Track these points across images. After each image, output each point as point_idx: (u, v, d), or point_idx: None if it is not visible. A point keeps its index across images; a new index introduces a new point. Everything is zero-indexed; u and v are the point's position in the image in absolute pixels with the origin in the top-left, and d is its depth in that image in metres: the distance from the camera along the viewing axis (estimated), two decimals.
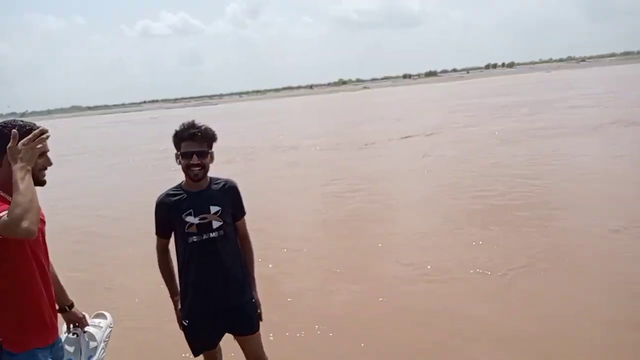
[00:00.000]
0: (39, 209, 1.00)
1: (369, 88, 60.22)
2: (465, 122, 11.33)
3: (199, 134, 1.39)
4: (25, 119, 1.16)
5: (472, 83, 39.35)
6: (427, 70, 74.72)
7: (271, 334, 2.06)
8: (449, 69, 73.91)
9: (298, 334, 2.29)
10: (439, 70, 73.81)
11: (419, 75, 73.74)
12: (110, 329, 1.49)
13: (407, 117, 14.30)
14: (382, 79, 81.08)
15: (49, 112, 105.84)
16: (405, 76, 76.52)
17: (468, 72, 68.33)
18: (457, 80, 53.14)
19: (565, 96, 15.22)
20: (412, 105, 19.91)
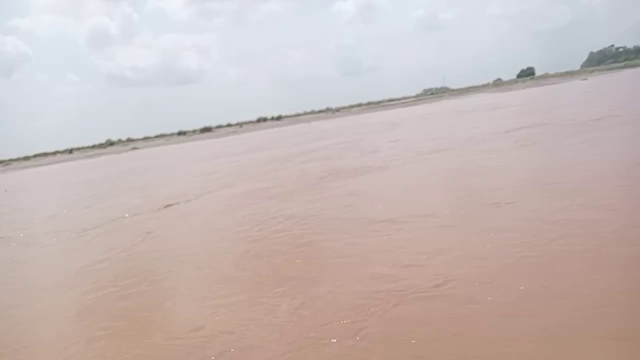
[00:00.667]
0: None
1: (138, 148, 56.35)
2: (221, 182, 11.37)
3: None
4: None
5: (243, 138, 41.47)
6: (203, 126, 77.27)
7: None
8: (224, 123, 78.83)
9: None
10: (214, 125, 77.57)
11: (194, 132, 75.04)
12: None
13: (155, 185, 13.72)
14: (156, 137, 77.64)
15: None
16: (180, 133, 76.25)
17: (241, 126, 74.24)
18: (230, 135, 56.03)
19: (312, 148, 16.97)
20: (169, 169, 19.37)
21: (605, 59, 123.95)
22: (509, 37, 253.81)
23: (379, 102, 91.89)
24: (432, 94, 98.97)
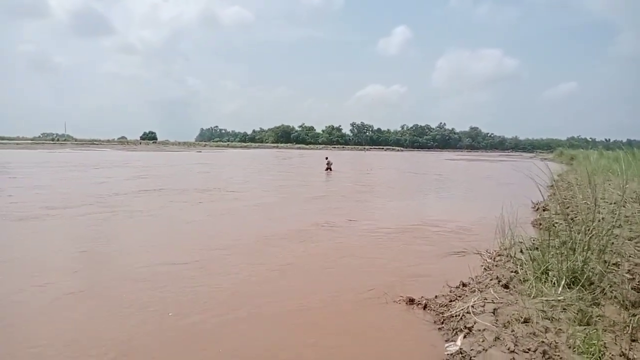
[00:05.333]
0: None
1: None
2: None
3: None
4: None
5: None
6: None
7: None
8: None
9: None
10: None
11: None
12: None
13: None
14: None
15: None
16: None
17: None
18: None
19: None
20: None
21: (214, 137, 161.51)
22: (129, 98, 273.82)
23: None
24: (52, 140, 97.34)
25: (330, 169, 25.35)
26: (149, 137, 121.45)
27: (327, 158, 27.11)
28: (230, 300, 4.64)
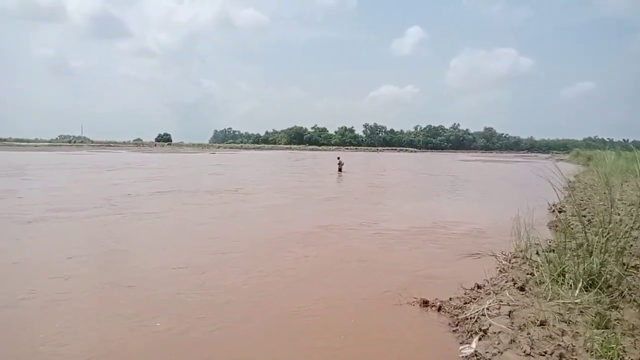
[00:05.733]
0: None
1: None
2: None
3: None
4: None
5: None
6: None
7: None
8: None
9: None
10: None
11: None
12: None
13: None
14: None
15: None
16: None
17: None
18: None
19: None
20: None
21: (227, 138, 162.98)
22: (145, 100, 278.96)
23: (2, 140, 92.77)
24: (69, 142, 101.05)
25: (341, 170, 25.44)
26: (164, 139, 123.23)
27: (338, 158, 27.23)
28: (237, 304, 4.68)
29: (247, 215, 10.11)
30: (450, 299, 4.57)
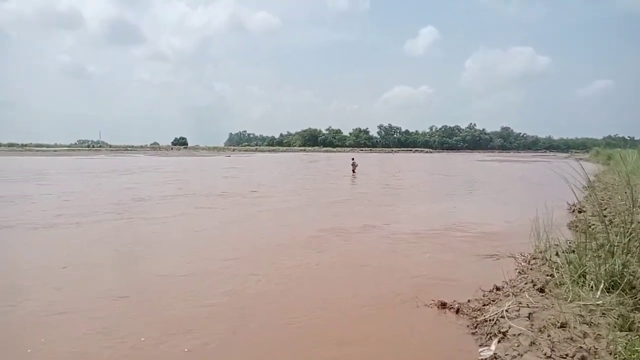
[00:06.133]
0: None
1: None
2: None
3: None
4: None
5: None
6: None
7: None
8: None
9: None
10: None
11: None
12: None
13: None
14: None
15: None
16: None
17: None
18: None
19: None
20: None
21: (242, 141, 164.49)
22: (161, 105, 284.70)
23: (23, 146, 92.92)
24: (88, 146, 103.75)
25: (355, 171, 25.53)
26: (180, 143, 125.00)
27: (352, 159, 27.32)
28: (243, 309, 4.74)
29: (266, 218, 10.22)
30: (469, 301, 4.54)
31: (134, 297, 4.90)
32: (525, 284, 4.66)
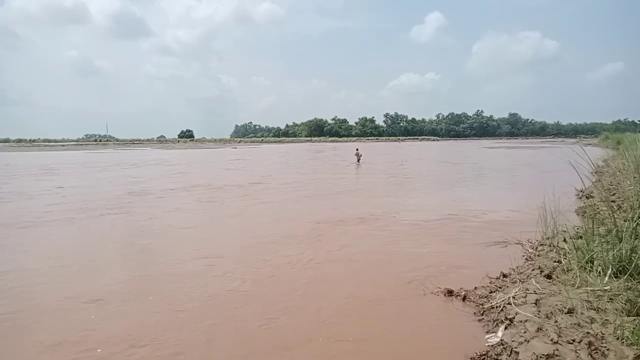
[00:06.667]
0: None
1: None
2: None
3: None
4: None
5: None
6: None
7: None
8: None
9: None
10: None
11: None
12: None
13: None
14: None
15: None
16: None
17: None
18: None
19: None
20: None
21: (248, 133, 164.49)
22: (167, 98, 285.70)
23: (32, 141, 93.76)
24: (95, 141, 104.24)
25: (359, 161, 25.53)
26: (187, 135, 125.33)
27: (357, 149, 27.34)
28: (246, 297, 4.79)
29: (271, 207, 10.26)
30: (476, 288, 4.55)
31: (109, 299, 4.62)
32: (533, 270, 4.66)
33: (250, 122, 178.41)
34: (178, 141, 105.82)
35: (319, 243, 6.88)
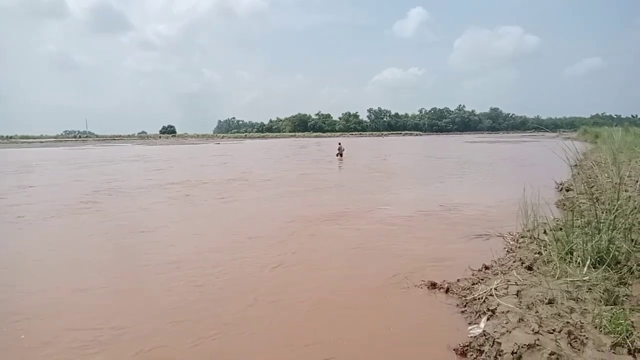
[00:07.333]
0: None
1: None
2: None
3: None
4: None
5: None
6: None
7: None
8: None
9: None
10: None
11: None
12: None
13: None
14: None
15: None
16: None
17: None
18: None
19: None
20: None
21: (231, 128, 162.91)
22: (148, 93, 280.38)
23: (9, 138, 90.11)
24: (74, 137, 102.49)
25: (341, 155, 25.60)
26: (168, 131, 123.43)
27: (339, 144, 27.56)
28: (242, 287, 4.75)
29: (255, 201, 10.17)
30: (458, 280, 4.59)
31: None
32: (514, 262, 4.73)
33: (234, 118, 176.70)
34: (160, 137, 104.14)
35: (295, 241, 6.85)
